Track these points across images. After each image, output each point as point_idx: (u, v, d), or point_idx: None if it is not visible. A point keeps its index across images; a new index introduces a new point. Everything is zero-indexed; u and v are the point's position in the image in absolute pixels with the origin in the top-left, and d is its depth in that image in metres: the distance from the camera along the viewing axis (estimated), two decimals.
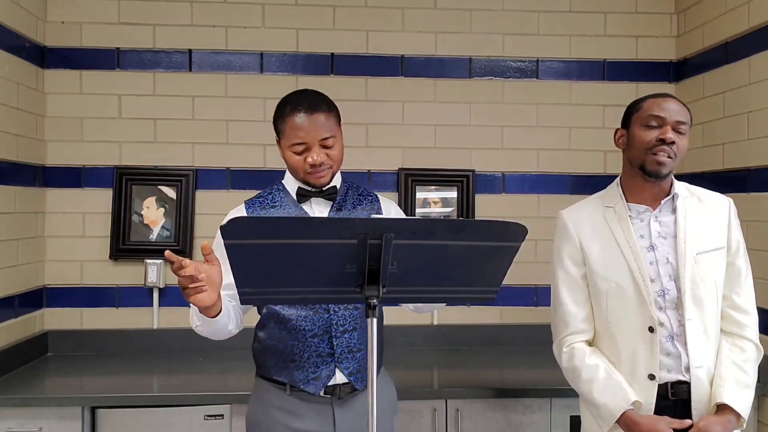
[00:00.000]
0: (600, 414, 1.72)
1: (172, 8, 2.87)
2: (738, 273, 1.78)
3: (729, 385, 1.68)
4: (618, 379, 1.71)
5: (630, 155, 1.77)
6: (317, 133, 1.64)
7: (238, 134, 2.89)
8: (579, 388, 1.79)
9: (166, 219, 2.84)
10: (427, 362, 2.70)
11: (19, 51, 2.59)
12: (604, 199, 1.84)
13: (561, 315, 1.83)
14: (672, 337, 1.70)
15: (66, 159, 2.83)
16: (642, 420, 1.66)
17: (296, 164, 1.68)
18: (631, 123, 1.77)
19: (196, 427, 2.23)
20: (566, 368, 1.82)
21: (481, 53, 2.98)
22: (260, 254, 1.20)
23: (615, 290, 1.74)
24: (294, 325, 1.71)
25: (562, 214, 1.87)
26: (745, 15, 2.51)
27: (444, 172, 2.94)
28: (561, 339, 1.83)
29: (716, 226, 1.77)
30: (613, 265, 1.75)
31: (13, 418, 2.17)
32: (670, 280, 1.72)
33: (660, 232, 1.76)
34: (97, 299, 2.83)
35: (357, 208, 1.79)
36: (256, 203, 1.77)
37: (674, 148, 1.70)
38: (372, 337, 1.24)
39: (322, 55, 2.93)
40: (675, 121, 1.71)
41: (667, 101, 1.74)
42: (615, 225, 1.77)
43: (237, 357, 2.71)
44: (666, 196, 1.77)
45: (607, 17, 3.01)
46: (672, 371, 1.70)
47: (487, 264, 1.30)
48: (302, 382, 1.70)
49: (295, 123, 1.64)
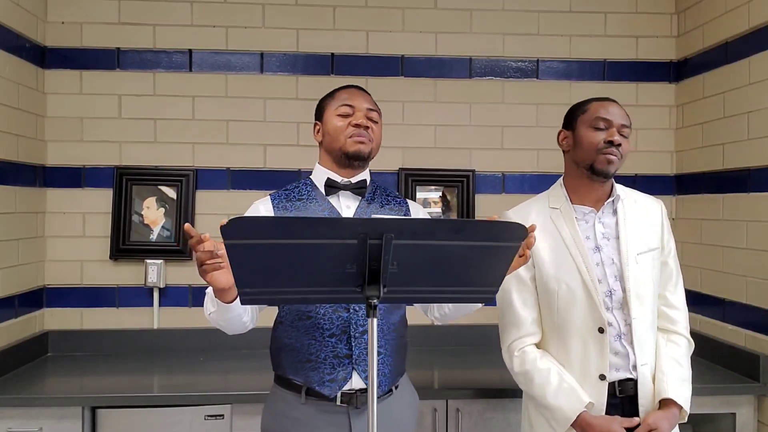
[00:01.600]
0: (554, 417, 1.73)
1: (172, 8, 2.87)
2: (671, 273, 1.86)
3: (671, 380, 1.74)
4: (570, 381, 1.73)
5: (576, 156, 1.80)
6: (365, 104, 1.75)
7: (238, 134, 2.89)
8: (532, 392, 1.79)
9: (166, 219, 2.84)
10: (427, 362, 2.69)
11: (19, 51, 2.59)
12: (549, 200, 1.86)
13: (511, 318, 1.84)
14: (620, 336, 1.74)
15: (66, 159, 2.83)
16: (596, 422, 1.69)
17: (339, 129, 1.72)
18: (577, 125, 1.81)
19: (196, 427, 2.23)
20: (518, 373, 1.83)
21: (481, 53, 2.98)
22: (260, 254, 1.20)
23: (565, 292, 1.76)
24: (311, 323, 1.67)
25: (509, 214, 1.87)
26: (745, 15, 2.51)
27: (444, 172, 2.94)
28: (511, 343, 1.84)
29: (651, 227, 1.83)
30: (563, 267, 1.77)
31: (13, 418, 2.17)
32: (616, 280, 1.76)
33: (604, 234, 1.79)
34: (97, 299, 2.83)
35: (385, 208, 1.78)
36: (282, 195, 1.77)
37: (621, 150, 1.76)
38: (373, 338, 1.23)
39: (322, 55, 2.93)
40: (620, 124, 1.77)
41: (612, 105, 1.80)
42: (562, 226, 1.79)
43: (237, 357, 2.72)
44: (608, 198, 1.81)
45: (607, 17, 3.02)
46: (620, 370, 1.74)
47: (487, 264, 1.30)
48: (317, 384, 1.66)
49: (345, 94, 1.76)
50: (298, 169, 2.89)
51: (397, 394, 1.76)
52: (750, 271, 2.48)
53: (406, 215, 1.80)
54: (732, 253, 2.58)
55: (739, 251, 2.54)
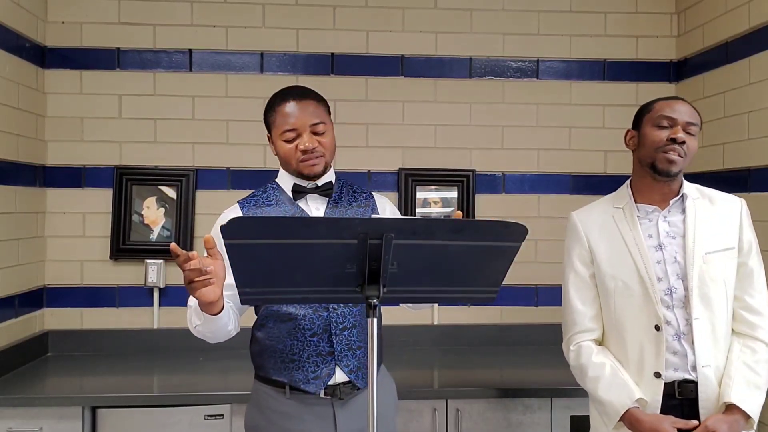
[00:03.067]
0: (605, 411, 1.74)
1: (172, 8, 2.87)
2: (750, 274, 1.77)
3: (738, 384, 1.68)
4: (624, 377, 1.73)
5: (640, 155, 1.80)
6: (307, 119, 1.68)
7: (238, 134, 2.89)
8: (585, 385, 1.81)
9: (166, 219, 2.84)
10: (427, 362, 2.70)
11: (19, 51, 2.59)
12: (614, 200, 1.87)
13: (569, 314, 1.86)
14: (678, 336, 1.71)
15: (66, 159, 2.83)
16: (645, 418, 1.67)
17: (288, 153, 1.69)
18: (642, 124, 1.80)
19: (196, 427, 2.23)
20: (574, 366, 1.85)
21: (481, 53, 2.98)
22: (260, 254, 1.20)
23: (622, 288, 1.76)
24: (294, 324, 1.69)
25: (572, 215, 1.90)
26: (745, 15, 2.51)
27: (444, 172, 2.94)
28: (569, 337, 1.86)
29: (727, 226, 1.78)
30: (620, 264, 1.77)
31: (13, 418, 2.17)
32: (678, 278, 1.73)
33: (669, 232, 1.78)
34: (97, 299, 2.83)
35: (353, 205, 1.79)
36: (251, 202, 1.77)
37: (684, 148, 1.73)
38: (372, 338, 1.24)
39: (322, 55, 2.93)
40: (685, 122, 1.74)
41: (678, 103, 1.77)
42: (623, 225, 1.80)
43: (237, 357, 2.71)
44: (675, 197, 1.79)
45: (607, 17, 3.01)
46: (678, 370, 1.71)
47: (488, 264, 1.30)
48: (302, 382, 1.69)
49: (285, 111, 1.69)
50: None
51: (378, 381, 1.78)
52: None
53: (373, 209, 1.81)
54: None
55: None
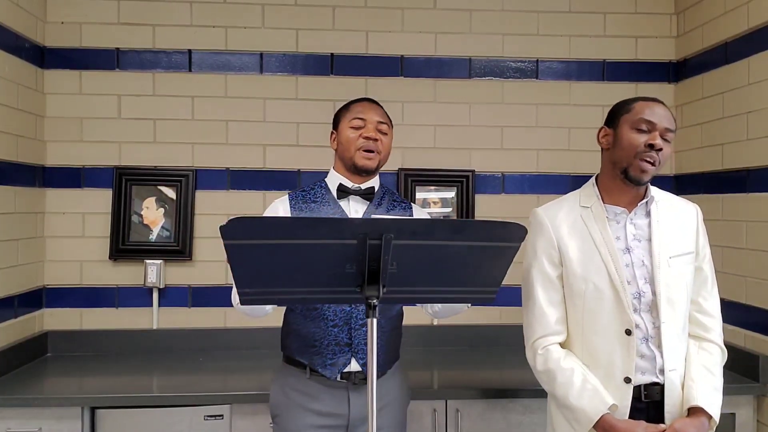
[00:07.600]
0: (576, 418, 1.70)
1: (171, 8, 2.87)
2: (705, 278, 1.82)
3: (702, 388, 1.69)
4: (594, 382, 1.70)
5: (615, 156, 1.75)
6: (376, 117, 1.88)
7: (238, 134, 2.89)
8: (554, 392, 1.76)
9: (165, 219, 2.84)
10: (427, 362, 2.70)
11: (18, 51, 2.59)
12: (581, 198, 1.83)
13: (535, 315, 1.80)
14: (647, 339, 1.71)
15: (66, 159, 2.83)
16: (619, 424, 1.65)
17: (351, 139, 1.85)
18: (620, 123, 1.75)
19: (196, 427, 2.23)
20: (540, 371, 1.79)
21: (481, 53, 2.98)
22: (260, 254, 1.20)
23: (593, 292, 1.73)
24: (317, 313, 1.82)
25: (538, 212, 1.85)
26: (745, 15, 2.52)
27: (444, 172, 2.94)
28: (535, 341, 1.80)
29: (686, 231, 1.79)
30: (591, 266, 1.74)
31: (13, 418, 2.17)
32: (646, 282, 1.72)
33: (635, 235, 1.76)
34: (97, 299, 2.83)
35: (390, 213, 1.90)
36: (299, 196, 1.90)
37: (660, 155, 1.70)
38: (372, 336, 1.24)
39: (322, 55, 2.93)
40: (664, 127, 1.71)
41: (658, 106, 1.73)
42: (593, 226, 1.76)
43: (237, 357, 2.72)
44: (641, 200, 1.78)
45: (606, 17, 3.02)
46: (646, 373, 1.71)
47: (487, 264, 1.30)
48: (320, 366, 1.83)
49: (358, 107, 1.90)
50: (297, 169, 2.90)
51: (390, 375, 1.91)
52: (749, 272, 2.48)
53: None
54: (731, 253, 2.58)
55: (738, 251, 2.54)
